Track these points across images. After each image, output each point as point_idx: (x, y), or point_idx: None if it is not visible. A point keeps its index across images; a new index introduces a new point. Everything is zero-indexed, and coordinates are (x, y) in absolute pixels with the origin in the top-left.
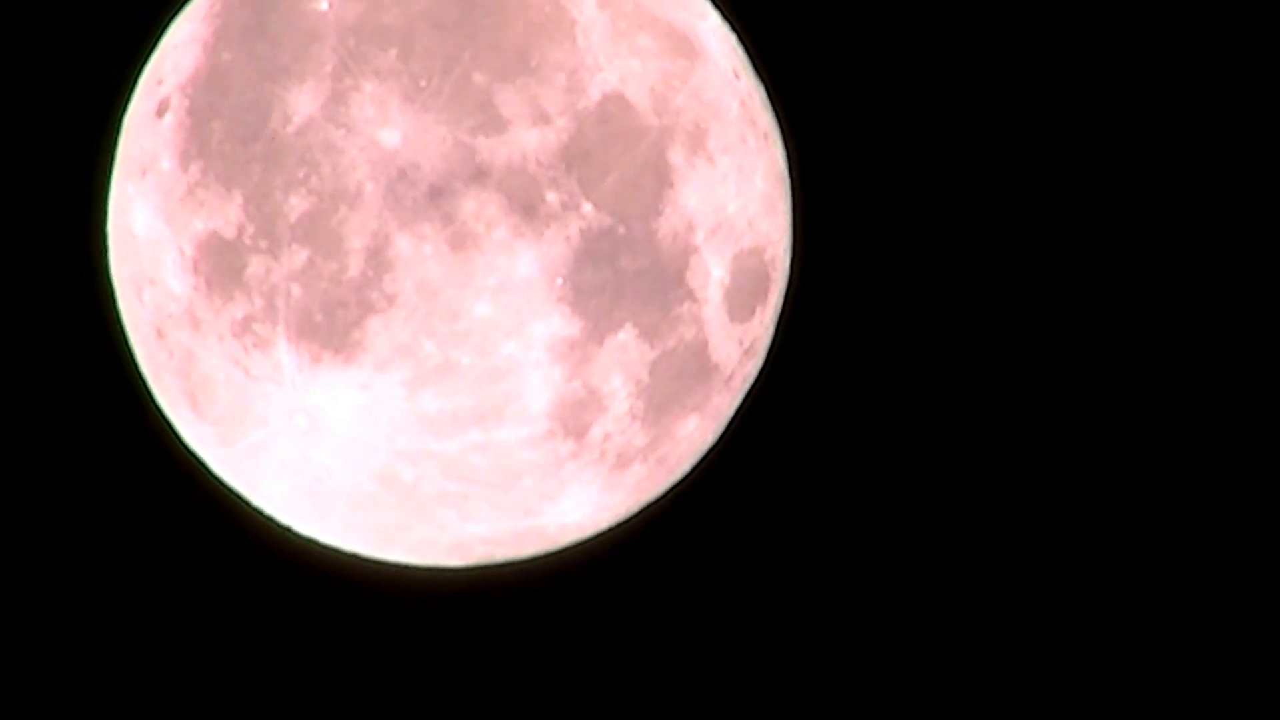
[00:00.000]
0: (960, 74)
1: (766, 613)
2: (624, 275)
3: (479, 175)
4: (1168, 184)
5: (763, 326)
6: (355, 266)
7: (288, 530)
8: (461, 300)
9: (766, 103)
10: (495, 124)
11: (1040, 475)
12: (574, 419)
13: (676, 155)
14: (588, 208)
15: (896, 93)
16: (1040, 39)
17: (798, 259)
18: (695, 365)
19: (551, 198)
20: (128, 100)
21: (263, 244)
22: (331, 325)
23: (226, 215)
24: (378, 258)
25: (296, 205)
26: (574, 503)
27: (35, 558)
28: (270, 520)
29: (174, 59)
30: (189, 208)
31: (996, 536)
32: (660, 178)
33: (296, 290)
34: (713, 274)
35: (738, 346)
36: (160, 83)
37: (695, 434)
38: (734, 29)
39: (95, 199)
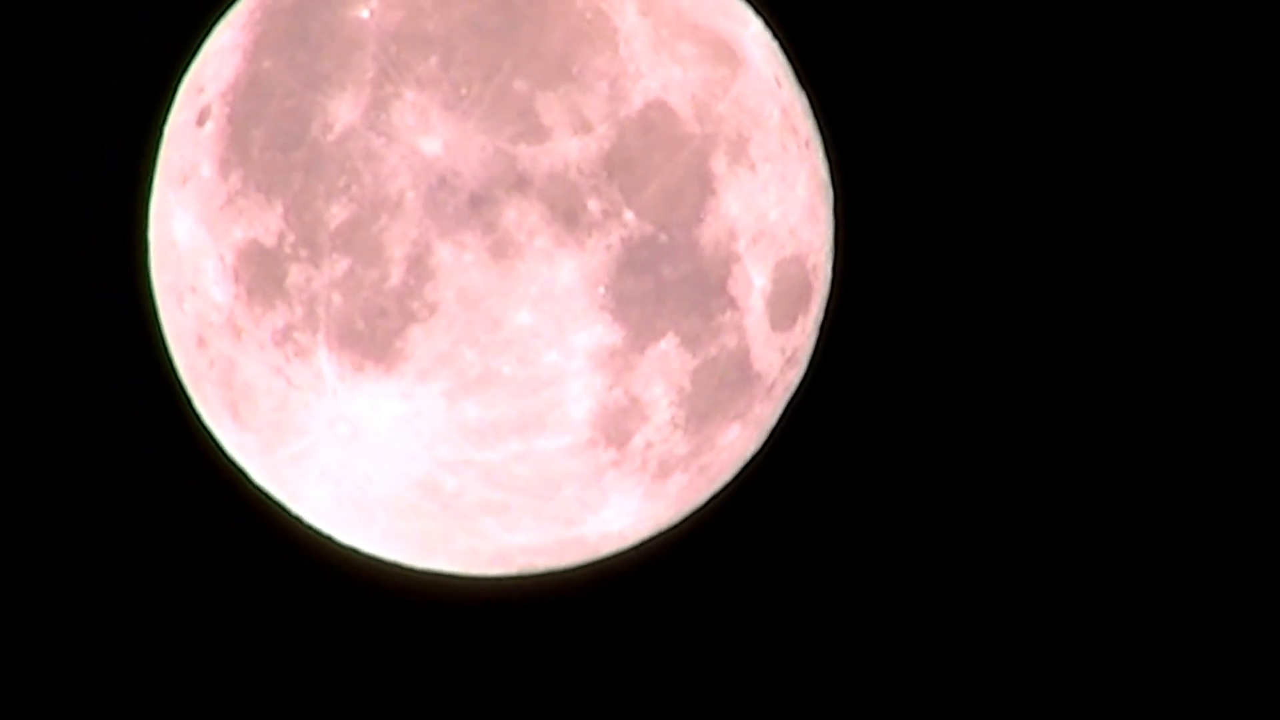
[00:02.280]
0: (1001, 82)
1: (807, 622)
2: (666, 284)
3: (520, 183)
4: (1212, 194)
5: (804, 335)
6: (396, 275)
7: (329, 541)
8: (503, 309)
9: (808, 110)
10: (537, 132)
11: (1081, 483)
12: (615, 428)
13: (718, 163)
14: (629, 216)
15: (936, 101)
16: (1081, 47)
17: (839, 267)
18: (737, 374)
19: (593, 206)
20: (169, 108)
21: (303, 252)
22: (373, 334)
23: (267, 223)
24: (419, 266)
25: (337, 213)
26: (616, 512)
27: (76, 566)
28: (311, 530)
29: (215, 66)
30: (229, 216)
31: (1037, 545)
32: (702, 186)
33: (337, 299)
34: (755, 282)
35: (780, 355)
36: (201, 90)
37: (737, 443)
38: (775, 36)
39: (136, 207)
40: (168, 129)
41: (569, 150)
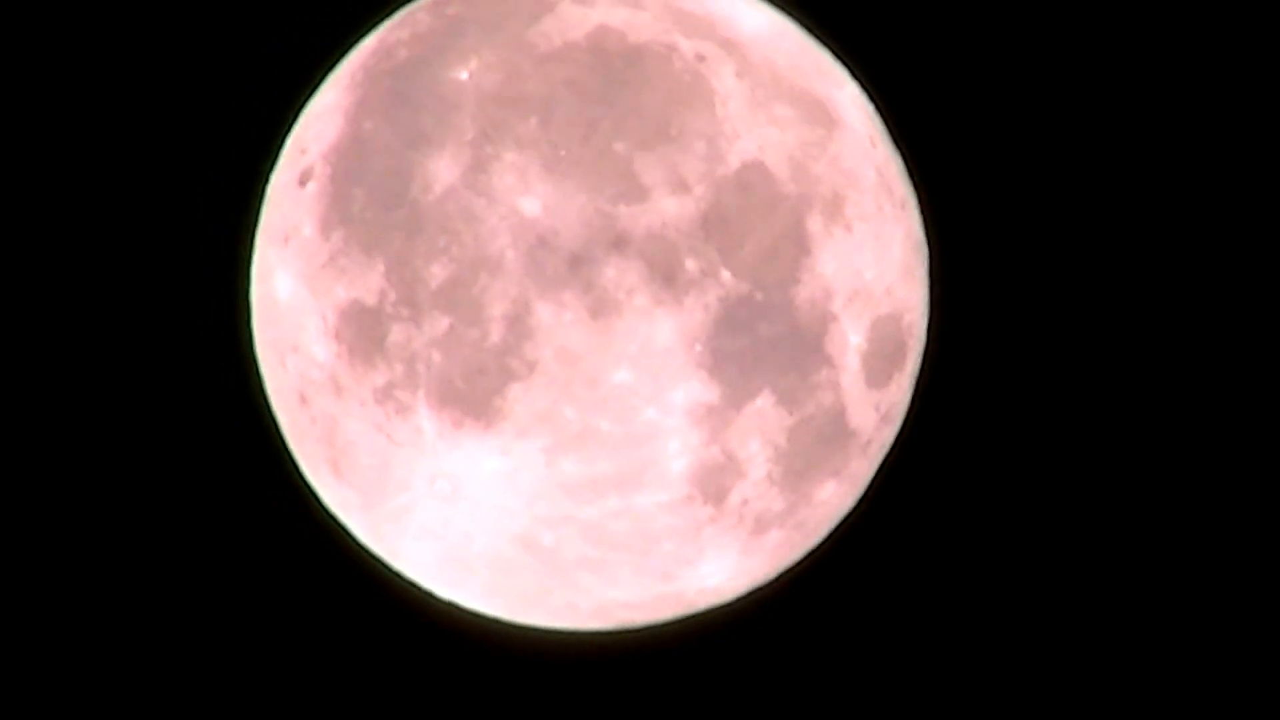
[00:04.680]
0: (1094, 143)
1: (902, 677)
2: (762, 342)
3: (619, 243)
4: None
5: (900, 392)
6: (496, 333)
7: (429, 596)
8: (601, 367)
9: (902, 171)
10: (635, 192)
11: (1186, 538)
12: (712, 484)
13: (814, 223)
14: (726, 275)
15: (1030, 160)
16: (1175, 109)
17: (933, 325)
18: (833, 431)
19: (691, 265)
20: (272, 169)
21: (404, 311)
22: (472, 392)
23: (368, 282)
24: (518, 325)
25: (437, 273)
26: (712, 567)
27: (180, 620)
28: (411, 585)
29: (317, 128)
30: (331, 275)
31: (1138, 601)
32: (798, 245)
33: (437, 357)
34: (850, 341)
35: (875, 412)
36: (303, 151)
37: (833, 499)
38: (870, 98)
39: (240, 266)
40: (270, 189)
41: (667, 210)
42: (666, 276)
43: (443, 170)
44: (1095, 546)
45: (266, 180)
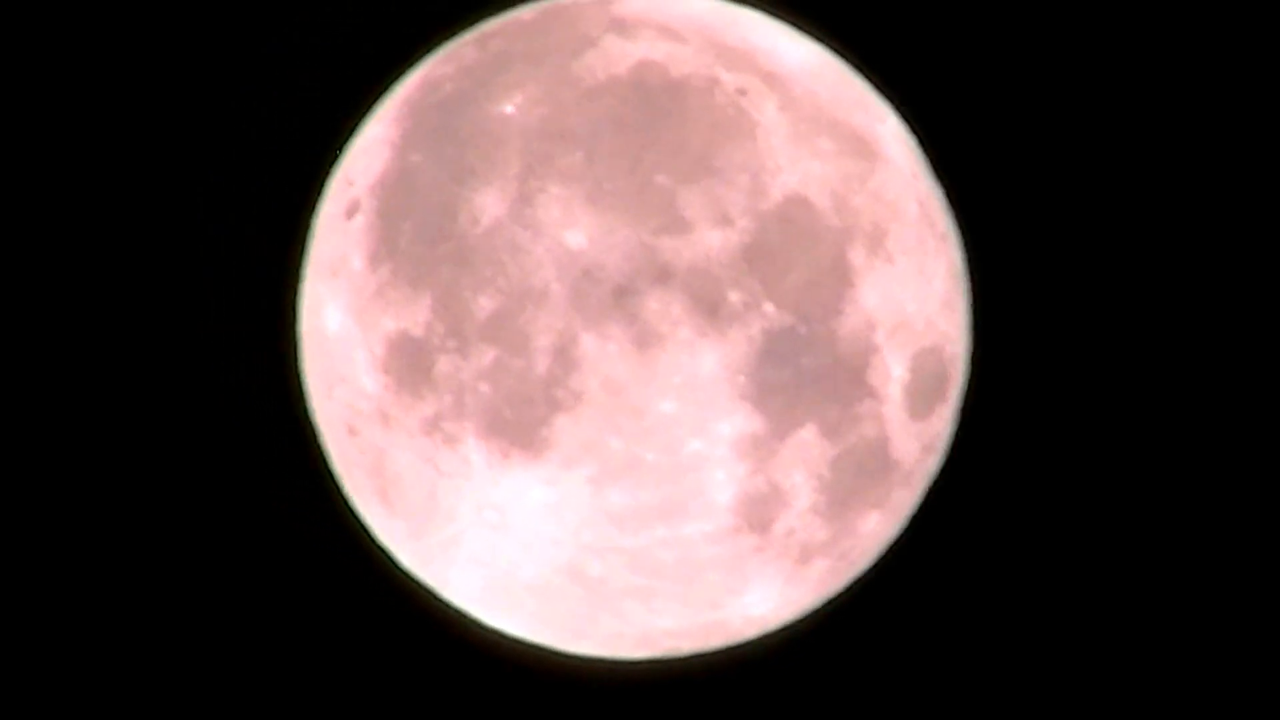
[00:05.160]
0: (1136, 177)
1: (946, 707)
2: (805, 373)
3: (663, 275)
4: None
5: (942, 424)
6: (542, 365)
7: (476, 624)
8: (647, 398)
9: (943, 203)
10: (679, 225)
11: (1232, 576)
12: (757, 514)
13: (857, 255)
14: (769, 307)
15: (1068, 193)
16: (1219, 142)
17: (974, 356)
18: (876, 462)
19: (734, 297)
20: (319, 202)
21: (451, 343)
22: (519, 422)
23: (415, 315)
24: (564, 356)
25: (484, 305)
26: (757, 597)
27: (229, 652)
28: (459, 613)
29: (364, 161)
30: (379, 307)
31: (1185, 631)
32: (841, 278)
33: (485, 388)
34: (893, 372)
35: (918, 443)
36: (350, 184)
37: (876, 529)
38: (911, 130)
39: (288, 299)
40: (318, 223)
41: (710, 243)
42: (710, 308)
43: (489, 203)
44: (1136, 579)
45: (314, 214)
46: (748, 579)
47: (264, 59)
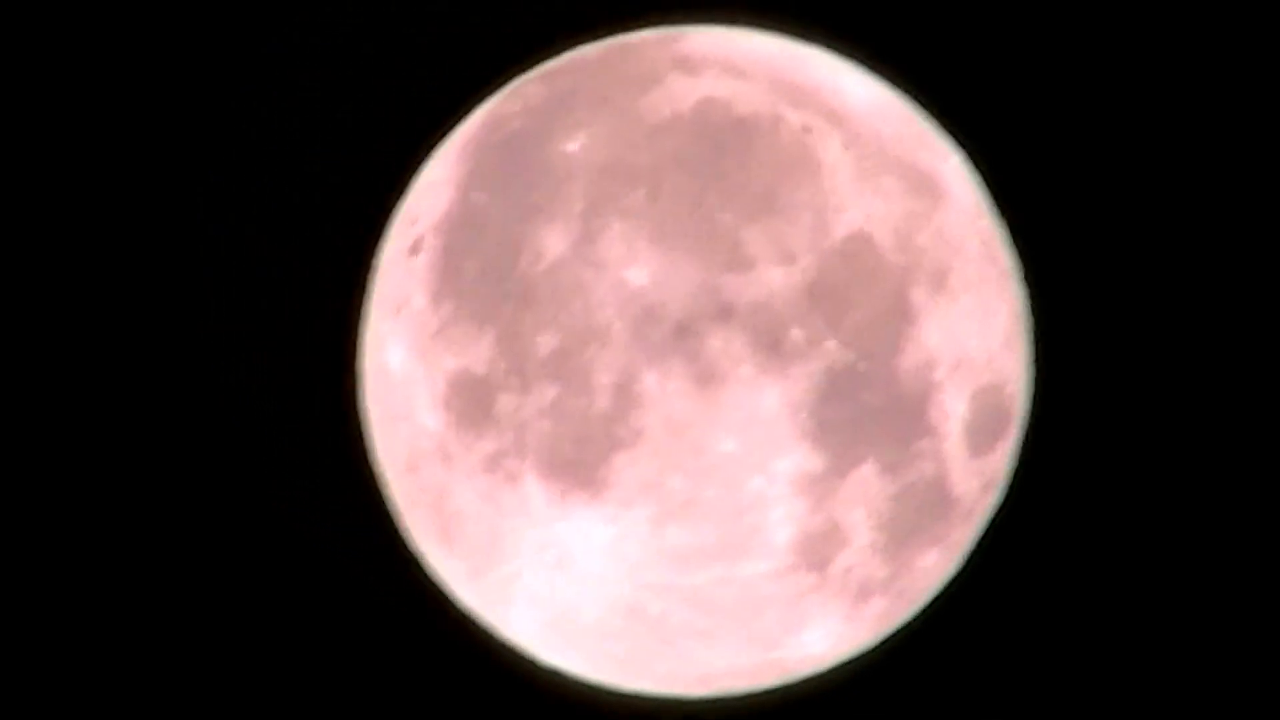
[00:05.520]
0: (1196, 213)
1: None
2: (865, 411)
3: (725, 313)
4: None
5: (1001, 461)
6: (603, 402)
7: (535, 663)
8: (707, 436)
9: (1006, 242)
10: (741, 263)
11: None
12: (816, 552)
13: (919, 293)
14: (831, 345)
15: (1130, 230)
16: (1265, 171)
17: (1035, 395)
18: (935, 499)
19: (796, 335)
20: (383, 240)
21: (513, 380)
22: (580, 461)
23: (478, 352)
24: (625, 394)
25: (546, 342)
26: (816, 635)
27: (288, 690)
28: (518, 651)
29: (427, 199)
30: (441, 345)
31: (1242, 674)
32: (902, 315)
33: (546, 426)
34: (953, 410)
35: (977, 481)
36: (414, 222)
37: (935, 567)
38: (974, 169)
39: (352, 337)
40: (382, 261)
41: (773, 280)
42: (771, 346)
43: (552, 242)
44: (1193, 619)
45: (379, 252)
46: (806, 617)
47: (331, 98)
